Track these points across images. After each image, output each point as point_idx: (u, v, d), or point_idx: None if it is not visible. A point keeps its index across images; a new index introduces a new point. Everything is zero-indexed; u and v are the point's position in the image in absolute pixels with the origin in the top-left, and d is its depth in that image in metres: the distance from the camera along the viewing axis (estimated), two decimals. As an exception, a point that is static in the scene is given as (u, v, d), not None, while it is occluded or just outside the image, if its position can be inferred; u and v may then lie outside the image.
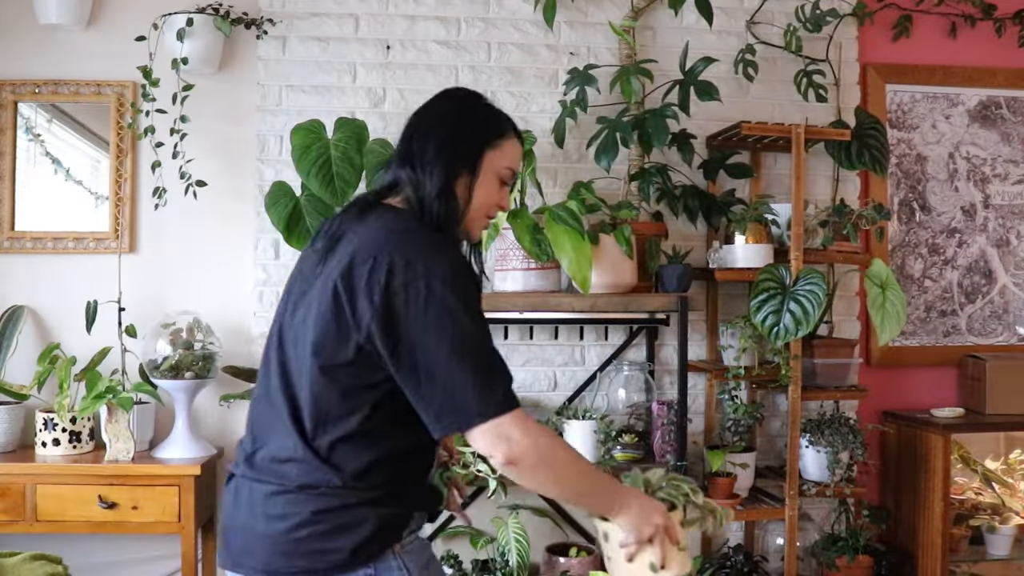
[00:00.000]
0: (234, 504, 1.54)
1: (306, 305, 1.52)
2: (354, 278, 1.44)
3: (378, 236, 1.49)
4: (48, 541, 2.81)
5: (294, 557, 1.46)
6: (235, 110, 3.06)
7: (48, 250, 3.00)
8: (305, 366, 1.48)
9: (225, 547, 1.56)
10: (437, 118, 1.63)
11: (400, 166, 1.60)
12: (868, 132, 3.10)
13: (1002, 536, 3.14)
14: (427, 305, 1.42)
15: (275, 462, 1.49)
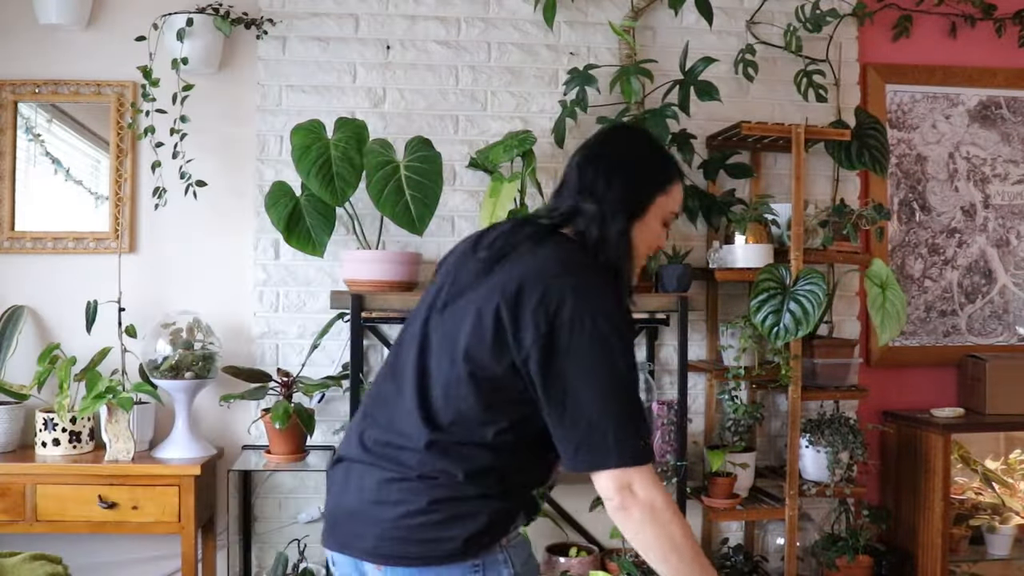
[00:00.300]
0: (344, 487, 1.57)
1: (460, 310, 1.55)
2: (522, 303, 1.47)
3: (553, 267, 1.52)
4: (48, 541, 2.81)
5: (407, 543, 1.49)
6: (235, 110, 3.06)
7: (48, 250, 3.00)
8: (449, 368, 1.52)
9: (332, 529, 1.59)
10: (624, 157, 1.68)
11: (582, 198, 1.63)
12: (868, 132, 3.10)
13: (1002, 536, 3.14)
14: (590, 343, 1.45)
15: (395, 449, 1.53)
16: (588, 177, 1.66)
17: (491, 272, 1.55)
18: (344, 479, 1.59)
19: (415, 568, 1.50)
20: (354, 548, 1.54)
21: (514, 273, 1.51)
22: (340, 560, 1.59)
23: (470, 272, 1.59)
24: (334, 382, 2.90)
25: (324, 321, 2.97)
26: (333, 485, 1.62)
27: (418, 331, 1.60)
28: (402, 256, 2.83)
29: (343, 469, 1.60)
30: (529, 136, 2.79)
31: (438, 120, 3.09)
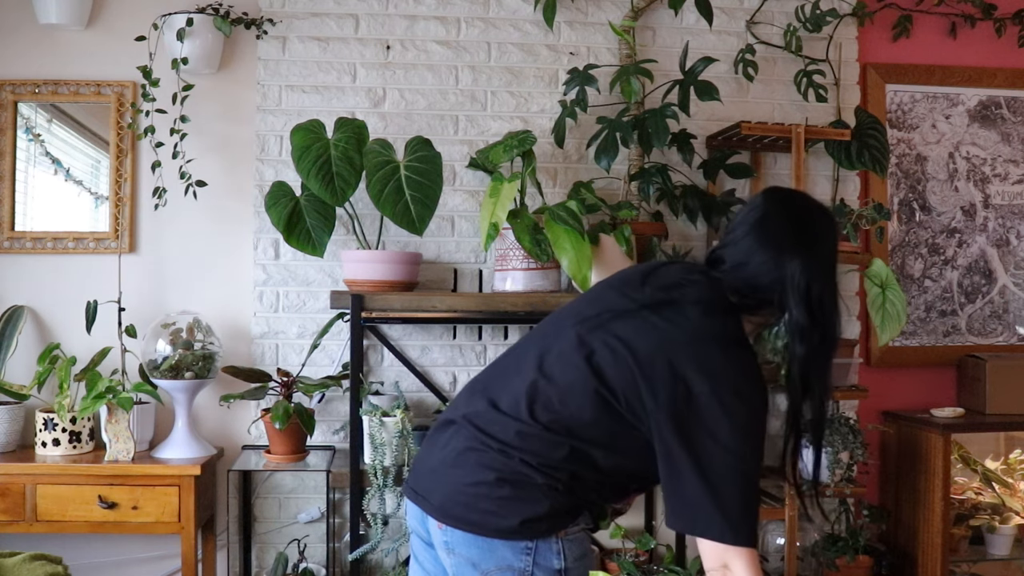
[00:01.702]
0: (433, 443, 1.68)
1: (606, 323, 1.61)
2: (670, 361, 1.52)
3: (709, 342, 1.56)
4: (48, 541, 2.82)
5: (469, 510, 1.59)
6: (235, 110, 3.06)
7: (48, 250, 3.00)
8: (575, 376, 1.59)
9: (413, 479, 1.71)
10: (830, 264, 1.62)
11: (777, 297, 1.59)
12: (868, 132, 3.10)
13: (1002, 536, 3.14)
14: (728, 419, 1.49)
15: (487, 422, 1.62)
16: (797, 276, 1.60)
17: (651, 310, 1.59)
18: (437, 436, 1.69)
19: (472, 535, 1.58)
20: (427, 502, 1.64)
21: (668, 327, 1.57)
22: (412, 510, 1.70)
23: (631, 292, 1.65)
24: (334, 382, 2.90)
25: (324, 321, 2.97)
26: (428, 439, 1.72)
27: (560, 331, 1.67)
28: (402, 256, 2.83)
29: (442, 427, 1.70)
30: (529, 136, 2.79)
31: (438, 120, 3.09)
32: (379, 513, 2.69)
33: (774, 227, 1.61)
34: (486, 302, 2.80)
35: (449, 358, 3.08)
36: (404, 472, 2.66)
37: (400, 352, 3.06)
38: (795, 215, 1.63)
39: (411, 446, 2.69)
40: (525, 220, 2.71)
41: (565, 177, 3.12)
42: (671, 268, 1.71)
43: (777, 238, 1.60)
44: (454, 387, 3.07)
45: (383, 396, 2.88)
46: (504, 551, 1.58)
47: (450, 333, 3.08)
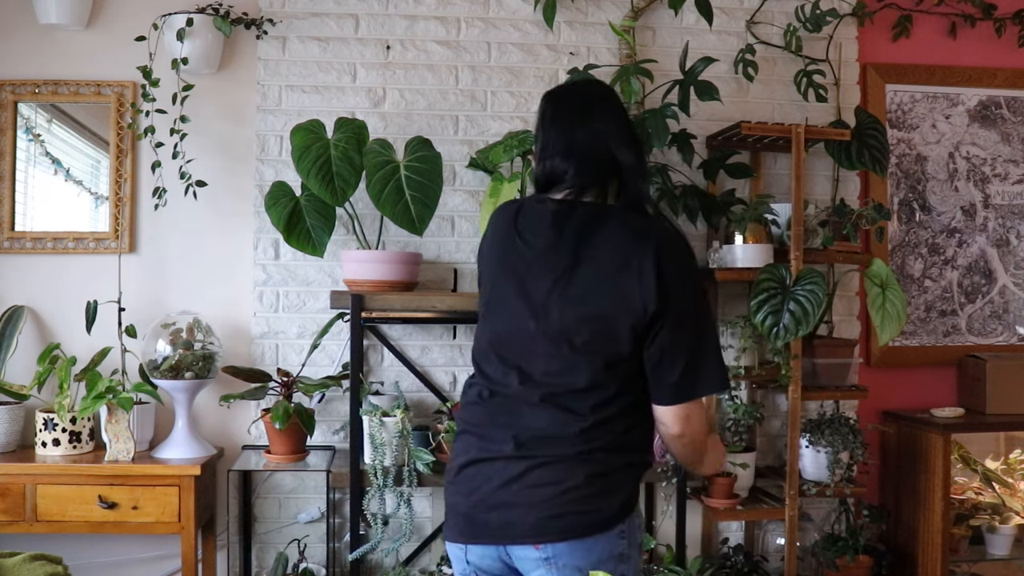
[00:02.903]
0: (486, 482, 1.64)
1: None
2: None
3: None
4: (48, 541, 2.82)
5: (565, 517, 1.61)
6: (235, 110, 3.06)
7: (48, 250, 3.00)
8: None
9: (471, 521, 1.67)
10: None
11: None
12: (868, 132, 3.10)
13: (1002, 536, 3.14)
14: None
15: (548, 439, 1.63)
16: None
17: None
18: (487, 476, 1.65)
19: (575, 541, 1.61)
20: (505, 535, 1.63)
21: None
22: (479, 552, 1.67)
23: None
24: (334, 382, 2.90)
25: (324, 321, 2.97)
26: (470, 482, 1.67)
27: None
28: (402, 256, 2.83)
29: (483, 463, 1.67)
30: (529, 136, 2.78)
31: (438, 120, 3.09)
32: (379, 513, 2.69)
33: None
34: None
35: (449, 358, 3.08)
36: (404, 472, 2.66)
37: (400, 352, 3.06)
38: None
39: (411, 446, 2.69)
40: (525, 220, 2.70)
41: (565, 177, 3.11)
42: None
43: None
44: (454, 387, 3.07)
45: (383, 396, 2.88)
46: (604, 543, 1.62)
47: (450, 333, 3.08)
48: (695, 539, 3.11)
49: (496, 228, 1.79)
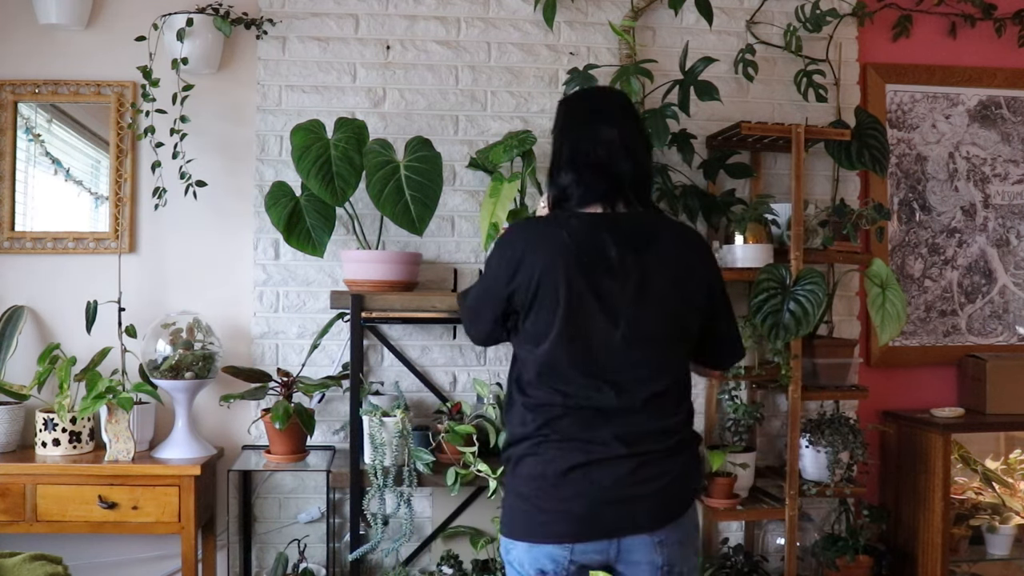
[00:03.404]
0: (599, 483, 1.74)
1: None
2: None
3: None
4: (48, 541, 2.82)
5: (672, 502, 1.79)
6: (235, 110, 3.06)
7: (48, 250, 3.00)
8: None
9: (585, 522, 1.74)
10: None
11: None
12: (868, 132, 3.10)
13: (1002, 536, 3.14)
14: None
15: (650, 436, 1.78)
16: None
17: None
18: (601, 476, 1.75)
19: (681, 518, 1.80)
20: (625, 529, 1.75)
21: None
22: (587, 548, 1.75)
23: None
24: (334, 382, 2.90)
25: (324, 321, 2.97)
26: (584, 483, 1.74)
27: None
28: (402, 256, 2.83)
29: (599, 469, 1.75)
30: (529, 136, 2.79)
31: (438, 120, 3.10)
32: (379, 513, 2.69)
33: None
34: (486, 302, 2.80)
35: (449, 358, 3.08)
36: (404, 472, 2.66)
37: (400, 352, 3.06)
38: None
39: (411, 446, 2.69)
40: (525, 220, 2.71)
41: (565, 177, 3.11)
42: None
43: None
44: (454, 387, 3.07)
45: (383, 396, 2.88)
46: (692, 514, 1.85)
47: (450, 333, 3.08)
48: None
49: (546, 252, 1.78)
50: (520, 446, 1.81)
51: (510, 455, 1.84)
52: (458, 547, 2.98)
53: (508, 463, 1.85)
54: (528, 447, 1.79)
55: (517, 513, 1.80)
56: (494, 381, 3.06)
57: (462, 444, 2.68)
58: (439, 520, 3.05)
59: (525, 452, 1.80)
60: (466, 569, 2.89)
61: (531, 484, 1.78)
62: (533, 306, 1.78)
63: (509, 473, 1.84)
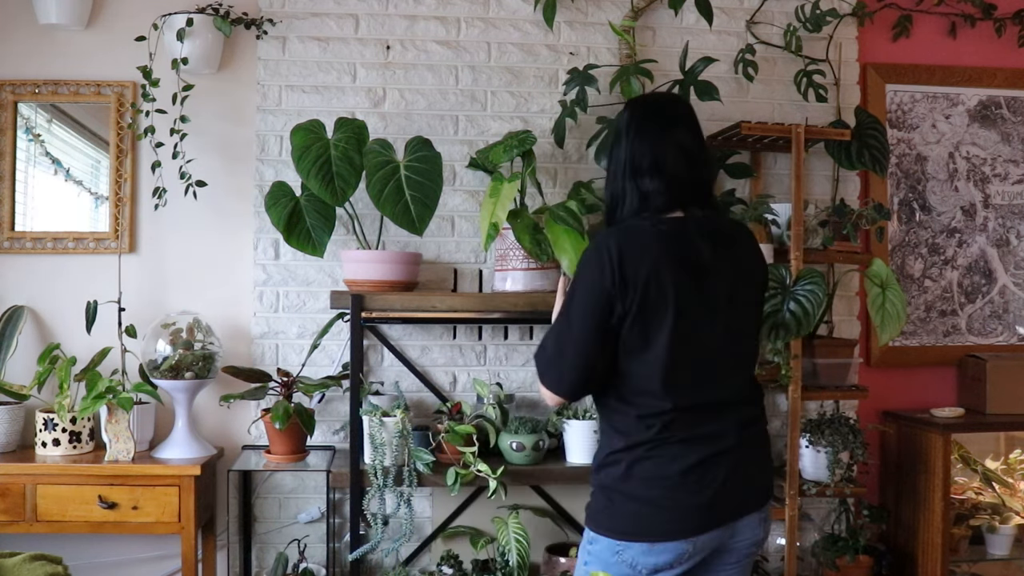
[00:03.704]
0: (720, 475, 1.82)
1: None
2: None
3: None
4: (48, 541, 2.82)
5: (771, 474, 1.96)
6: (235, 110, 3.06)
7: (48, 250, 3.00)
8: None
9: (710, 513, 1.81)
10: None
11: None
12: (868, 132, 3.10)
13: (1002, 536, 3.14)
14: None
15: (751, 426, 1.90)
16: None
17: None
18: (729, 463, 1.83)
19: (770, 496, 1.93)
20: (748, 508, 1.86)
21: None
22: (711, 535, 1.81)
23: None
24: (334, 382, 2.90)
25: (324, 321, 2.97)
26: (707, 473, 1.81)
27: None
28: (402, 256, 2.83)
29: (723, 459, 1.83)
30: (529, 136, 2.79)
31: (438, 120, 3.10)
32: (379, 513, 2.69)
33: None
34: (486, 302, 2.80)
35: (449, 358, 3.08)
36: (404, 472, 2.66)
37: (400, 352, 3.06)
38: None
39: (411, 446, 2.69)
40: (525, 220, 2.71)
41: (565, 177, 3.12)
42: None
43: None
44: (454, 387, 3.07)
45: (383, 396, 2.88)
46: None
47: (450, 333, 3.08)
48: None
49: (649, 256, 1.80)
50: (634, 451, 1.82)
51: (617, 459, 1.84)
52: (458, 547, 2.98)
53: (613, 467, 1.85)
54: (644, 451, 1.82)
55: (633, 515, 1.82)
56: (494, 381, 3.06)
57: (462, 444, 2.68)
58: (439, 520, 3.05)
59: (641, 456, 1.82)
60: (466, 569, 2.89)
61: (651, 485, 1.81)
62: (641, 311, 1.79)
63: (618, 478, 1.84)
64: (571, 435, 2.82)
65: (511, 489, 2.75)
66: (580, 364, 1.83)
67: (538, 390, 1.91)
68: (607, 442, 1.89)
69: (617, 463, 1.84)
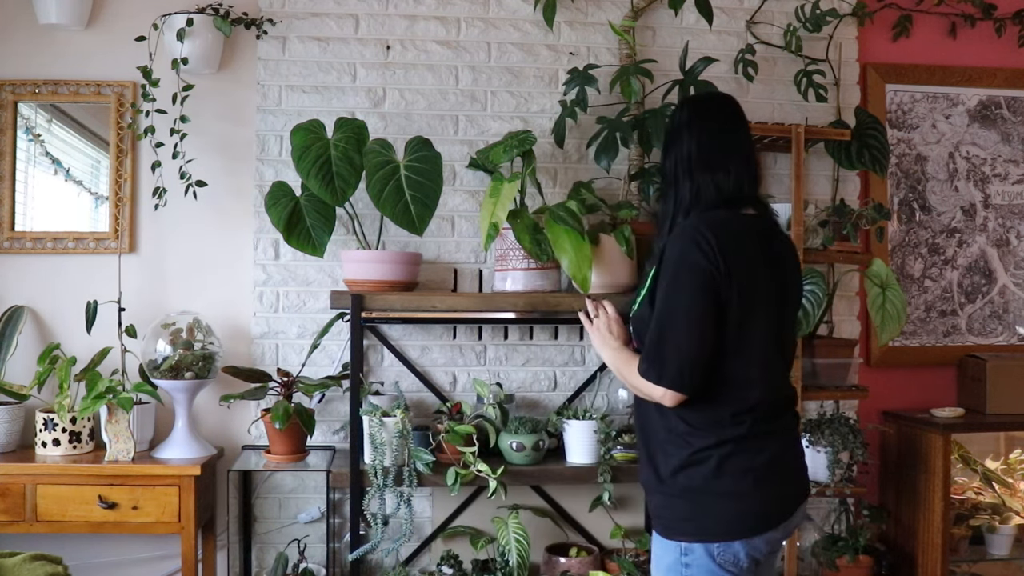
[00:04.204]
0: (793, 464, 1.91)
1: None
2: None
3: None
4: (48, 541, 2.82)
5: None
6: (235, 110, 3.06)
7: (48, 250, 3.00)
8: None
9: (792, 500, 1.88)
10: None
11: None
12: (868, 132, 3.10)
13: (1002, 536, 3.14)
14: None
15: (795, 416, 1.96)
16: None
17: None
18: (795, 450, 1.92)
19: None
20: (803, 497, 1.92)
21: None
22: (785, 525, 1.86)
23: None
24: (334, 382, 2.90)
25: (324, 321, 2.97)
26: (784, 455, 1.87)
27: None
28: (402, 256, 2.83)
29: (789, 444, 1.90)
30: (529, 136, 2.79)
31: (438, 120, 3.09)
32: (379, 513, 2.69)
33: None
34: (486, 302, 2.80)
35: (449, 358, 3.08)
36: (404, 472, 2.66)
37: (400, 352, 3.06)
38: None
39: (411, 446, 2.69)
40: (525, 220, 2.71)
41: (565, 177, 3.12)
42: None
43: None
44: (454, 387, 3.07)
45: (383, 396, 2.88)
46: None
47: (450, 333, 3.08)
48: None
49: (741, 247, 1.82)
50: (724, 447, 1.80)
51: (705, 457, 1.80)
52: (458, 547, 2.98)
53: (700, 466, 1.81)
54: (734, 446, 1.80)
55: (730, 512, 1.80)
56: (494, 381, 3.06)
57: (462, 444, 2.68)
58: (439, 520, 3.05)
59: (731, 452, 1.80)
60: (466, 569, 2.89)
61: (743, 479, 1.80)
62: (740, 301, 1.78)
63: (708, 477, 1.80)
64: (571, 435, 2.82)
65: (511, 489, 2.75)
66: (699, 355, 1.77)
67: (647, 394, 1.83)
68: (682, 442, 1.82)
69: (704, 461, 1.80)
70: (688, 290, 1.77)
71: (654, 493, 1.89)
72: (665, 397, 1.80)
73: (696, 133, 1.92)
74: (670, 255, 1.81)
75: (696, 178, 1.89)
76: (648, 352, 1.81)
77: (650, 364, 1.80)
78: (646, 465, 1.92)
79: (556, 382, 3.12)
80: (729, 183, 1.88)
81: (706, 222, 1.82)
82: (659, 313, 1.81)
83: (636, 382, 1.86)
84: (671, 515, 1.84)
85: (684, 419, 1.83)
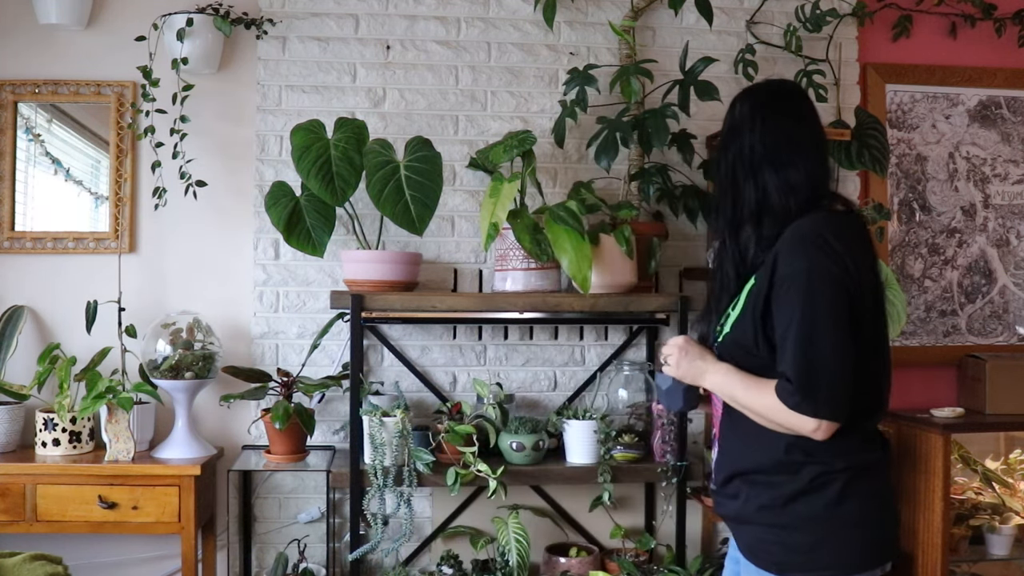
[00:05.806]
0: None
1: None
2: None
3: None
4: (48, 541, 2.82)
5: None
6: (235, 110, 3.06)
7: (48, 250, 3.00)
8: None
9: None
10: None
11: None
12: (868, 132, 3.10)
13: (1002, 536, 3.13)
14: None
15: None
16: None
17: None
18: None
19: None
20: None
21: None
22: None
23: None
24: (334, 382, 2.90)
25: (324, 321, 2.97)
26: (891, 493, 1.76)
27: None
28: (402, 256, 2.83)
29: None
30: (529, 136, 2.79)
31: (438, 120, 3.10)
32: (379, 513, 2.69)
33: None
34: (486, 302, 2.80)
35: (449, 358, 3.08)
36: (404, 472, 2.66)
37: (400, 352, 3.06)
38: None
39: (411, 446, 2.69)
40: (525, 220, 2.71)
41: (565, 177, 3.12)
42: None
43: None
44: (454, 387, 3.07)
45: (383, 396, 2.88)
46: None
47: (450, 333, 3.08)
48: (695, 539, 3.11)
49: (864, 250, 1.66)
50: (850, 472, 1.64)
51: (828, 482, 1.64)
52: (458, 547, 2.98)
53: (822, 492, 1.64)
54: (860, 471, 1.66)
55: (862, 541, 1.64)
56: (494, 381, 3.06)
57: (462, 444, 2.68)
58: (439, 520, 3.05)
59: (856, 476, 1.65)
60: (466, 569, 2.90)
61: (869, 506, 1.66)
62: (869, 310, 1.63)
63: (831, 504, 1.63)
64: (571, 435, 2.82)
65: (511, 489, 2.75)
66: (851, 378, 1.58)
67: (789, 427, 1.61)
68: (797, 468, 1.65)
69: (827, 486, 1.63)
70: (827, 306, 1.57)
71: (753, 525, 1.69)
72: (819, 431, 1.59)
73: (760, 127, 1.72)
74: (794, 267, 1.59)
75: (761, 178, 1.70)
76: (800, 382, 1.57)
77: (804, 396, 1.57)
78: (735, 495, 1.72)
79: (556, 382, 3.12)
80: (802, 181, 1.68)
81: (828, 225, 1.62)
82: (800, 336, 1.58)
83: (773, 415, 1.62)
84: (782, 549, 1.65)
85: (801, 447, 1.64)
